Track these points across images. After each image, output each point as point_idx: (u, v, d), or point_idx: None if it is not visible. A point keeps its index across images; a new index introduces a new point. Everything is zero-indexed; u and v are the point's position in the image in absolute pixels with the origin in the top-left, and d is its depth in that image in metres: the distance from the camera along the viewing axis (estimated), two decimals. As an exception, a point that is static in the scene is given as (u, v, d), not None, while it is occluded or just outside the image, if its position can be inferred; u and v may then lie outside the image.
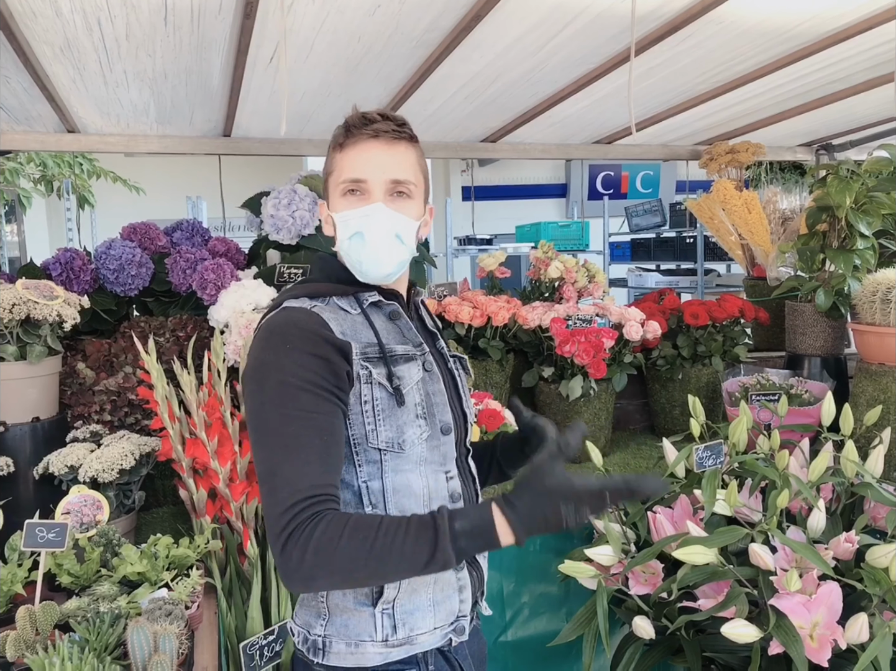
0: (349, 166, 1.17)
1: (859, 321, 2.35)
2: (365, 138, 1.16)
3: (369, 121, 1.16)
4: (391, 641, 1.16)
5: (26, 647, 1.35)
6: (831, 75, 2.44)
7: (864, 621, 1.48)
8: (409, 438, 1.15)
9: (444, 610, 1.20)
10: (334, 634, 1.16)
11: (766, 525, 1.65)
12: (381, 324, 1.21)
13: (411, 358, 1.19)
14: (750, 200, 3.04)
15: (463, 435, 1.28)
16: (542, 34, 1.97)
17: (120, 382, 2.22)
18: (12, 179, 5.41)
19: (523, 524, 1.01)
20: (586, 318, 2.58)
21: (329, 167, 1.22)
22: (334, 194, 1.20)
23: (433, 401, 1.19)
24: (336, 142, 1.20)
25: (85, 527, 1.76)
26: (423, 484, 1.17)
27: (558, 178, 9.95)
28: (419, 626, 1.17)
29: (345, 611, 1.16)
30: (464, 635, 1.22)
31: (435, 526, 1.01)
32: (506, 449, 1.43)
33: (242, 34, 1.83)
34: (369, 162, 1.16)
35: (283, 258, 2.65)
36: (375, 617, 1.15)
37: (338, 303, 1.19)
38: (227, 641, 1.66)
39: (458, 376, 1.31)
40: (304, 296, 1.19)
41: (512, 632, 2.07)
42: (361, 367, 1.12)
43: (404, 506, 1.16)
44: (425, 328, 1.31)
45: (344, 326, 1.14)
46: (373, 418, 1.13)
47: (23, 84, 2.13)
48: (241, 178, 3.78)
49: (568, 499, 0.99)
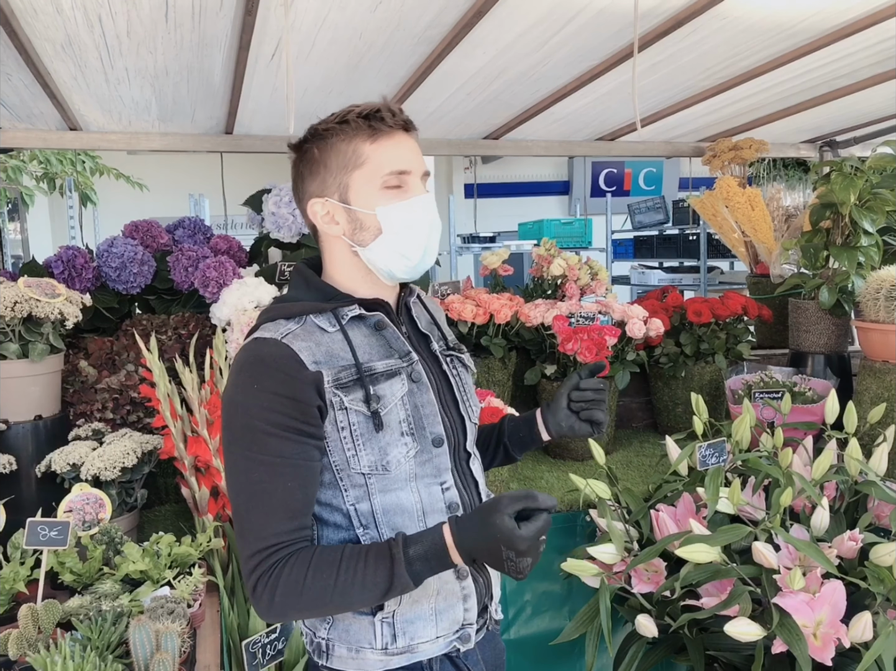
0: (392, 157, 1.12)
1: (863, 318, 2.34)
2: (398, 130, 1.13)
3: (392, 111, 1.13)
4: (391, 650, 1.14)
5: (28, 646, 1.35)
6: (835, 71, 2.43)
7: (867, 620, 1.47)
8: (395, 458, 1.12)
9: (448, 619, 1.18)
10: (336, 638, 1.16)
11: (770, 523, 1.65)
12: (361, 339, 1.15)
13: (394, 373, 1.14)
14: (753, 197, 3.03)
15: (461, 440, 1.24)
16: (544, 30, 1.96)
17: (122, 380, 2.22)
18: (15, 177, 5.41)
19: (468, 553, 1.02)
20: (589, 316, 2.58)
21: (354, 160, 1.12)
22: (370, 187, 1.13)
23: (422, 413, 1.15)
24: (362, 133, 1.12)
25: (87, 526, 1.76)
26: (415, 499, 1.15)
27: (561, 175, 9.94)
28: (420, 635, 1.16)
29: (345, 618, 1.15)
30: (469, 643, 1.20)
31: (391, 555, 1.02)
32: (513, 430, 1.42)
33: (244, 31, 1.82)
34: (409, 152, 1.14)
35: (284, 256, 2.64)
36: (375, 625, 1.14)
37: (315, 321, 1.13)
38: (230, 639, 1.66)
39: (453, 378, 1.26)
40: (281, 317, 1.14)
41: (514, 631, 2.07)
42: (333, 395, 1.09)
43: (397, 525, 1.14)
44: (418, 331, 1.26)
45: (317, 354, 1.09)
46: (352, 443, 1.11)
47: (24, 81, 2.12)
48: (243, 175, 3.77)
49: (508, 546, 0.97)
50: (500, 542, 0.97)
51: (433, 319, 1.32)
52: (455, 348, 1.31)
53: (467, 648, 1.20)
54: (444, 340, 1.31)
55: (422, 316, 1.29)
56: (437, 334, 1.30)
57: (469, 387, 1.30)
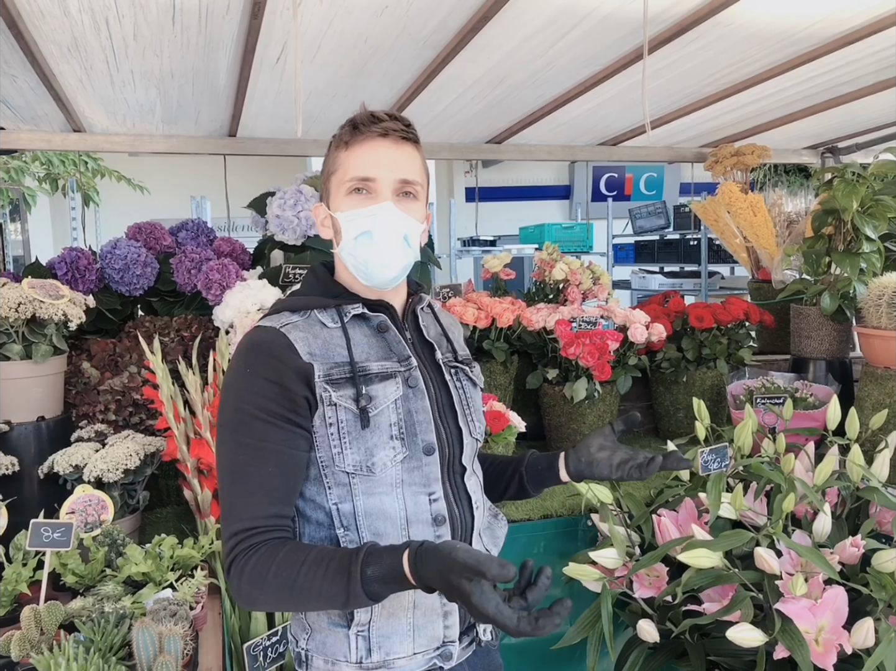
0: (357, 164, 1.13)
1: (865, 325, 2.34)
2: (374, 136, 1.13)
3: (378, 119, 1.13)
4: (366, 664, 1.12)
5: (31, 647, 1.35)
6: (838, 78, 2.44)
7: (869, 626, 1.48)
8: (380, 461, 1.11)
9: (426, 635, 1.15)
10: (314, 650, 1.15)
11: (772, 529, 1.65)
12: (361, 338, 1.16)
13: (389, 375, 1.14)
14: (755, 203, 3.03)
15: (456, 453, 1.20)
16: (549, 36, 1.96)
17: (125, 382, 2.22)
18: (17, 178, 5.41)
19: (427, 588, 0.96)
20: (591, 321, 2.58)
21: (331, 166, 1.18)
22: (337, 194, 1.16)
23: (415, 419, 1.14)
24: (341, 140, 1.16)
25: (89, 527, 1.76)
26: (399, 506, 1.13)
27: (562, 179, 9.95)
28: (396, 651, 1.13)
29: (321, 630, 1.14)
30: (451, 661, 1.17)
31: (349, 571, 0.99)
32: (533, 462, 1.36)
33: (249, 34, 1.83)
34: (378, 160, 1.13)
35: (288, 258, 2.65)
36: (350, 638, 1.12)
37: (318, 316, 1.16)
38: (231, 642, 1.66)
39: (455, 390, 1.23)
40: (286, 309, 1.17)
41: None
42: (323, 390, 1.10)
43: (378, 530, 1.12)
44: (423, 339, 1.25)
45: (313, 346, 1.11)
46: (338, 441, 1.11)
47: (29, 83, 2.13)
48: (246, 178, 3.78)
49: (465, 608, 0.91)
50: (457, 599, 0.92)
51: (443, 331, 1.30)
52: (463, 362, 1.29)
53: (450, 666, 1.17)
54: (454, 353, 1.28)
55: (431, 326, 1.28)
56: (446, 346, 1.28)
57: (473, 401, 1.27)
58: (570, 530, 2.13)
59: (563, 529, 2.11)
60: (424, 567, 0.95)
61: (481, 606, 0.89)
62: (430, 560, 0.95)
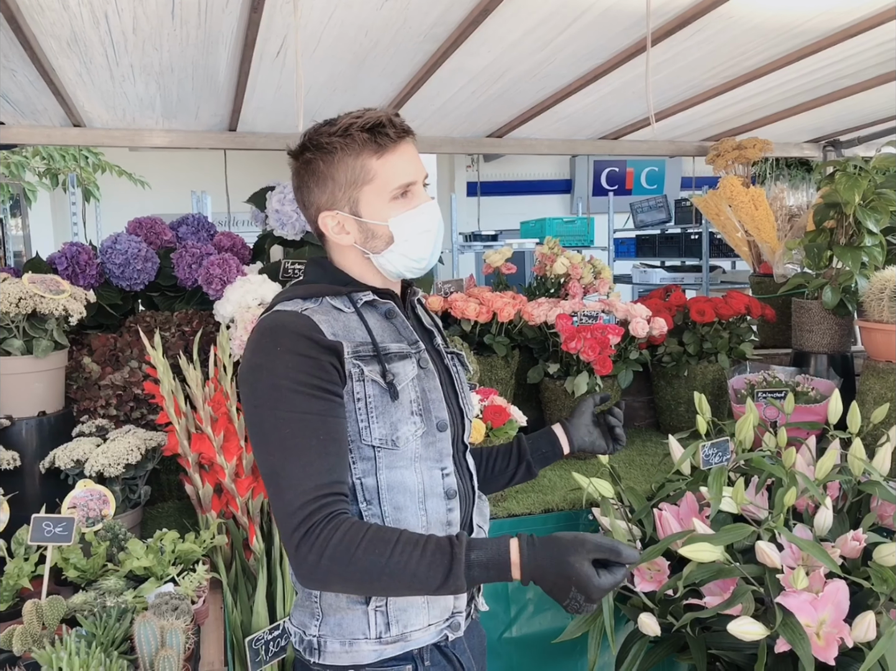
0: (399, 172, 1.18)
1: (866, 318, 2.34)
2: (400, 141, 1.18)
3: (393, 123, 1.17)
4: (385, 638, 1.16)
5: (33, 642, 1.36)
6: (840, 71, 2.43)
7: (871, 619, 1.48)
8: (404, 435, 1.16)
9: (439, 607, 1.20)
10: (328, 634, 1.17)
11: (773, 523, 1.65)
12: (375, 322, 1.21)
13: (406, 355, 1.20)
14: (757, 197, 3.02)
15: (460, 431, 1.28)
16: (550, 29, 1.96)
17: (126, 377, 2.22)
18: (17, 173, 5.41)
19: (530, 576, 1.04)
20: (592, 315, 2.58)
21: (362, 175, 1.17)
22: (378, 201, 1.18)
23: (429, 397, 1.20)
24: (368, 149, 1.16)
25: (91, 522, 1.76)
26: (418, 480, 1.18)
27: (563, 173, 9.93)
28: (413, 623, 1.17)
29: (338, 611, 1.16)
30: (459, 631, 1.23)
31: (452, 552, 1.03)
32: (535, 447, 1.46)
33: (249, 28, 1.82)
34: (411, 163, 1.19)
35: (288, 253, 2.65)
36: (368, 615, 1.15)
37: (331, 302, 1.19)
38: (233, 636, 1.66)
39: (454, 373, 1.32)
40: (298, 297, 1.19)
41: (517, 629, 2.07)
42: (353, 366, 1.13)
43: (398, 503, 1.16)
44: (422, 326, 1.32)
45: (336, 327, 1.15)
46: (366, 415, 1.14)
47: (29, 77, 2.12)
48: (246, 172, 3.77)
49: (580, 590, 1.00)
50: (572, 583, 1.00)
51: (434, 321, 1.37)
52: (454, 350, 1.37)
53: (456, 636, 1.22)
54: (444, 342, 1.37)
55: (424, 315, 1.35)
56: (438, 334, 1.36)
57: (466, 386, 1.36)
58: (572, 524, 2.13)
59: (565, 523, 2.11)
60: (541, 553, 1.02)
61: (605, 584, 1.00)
62: (549, 546, 1.03)
